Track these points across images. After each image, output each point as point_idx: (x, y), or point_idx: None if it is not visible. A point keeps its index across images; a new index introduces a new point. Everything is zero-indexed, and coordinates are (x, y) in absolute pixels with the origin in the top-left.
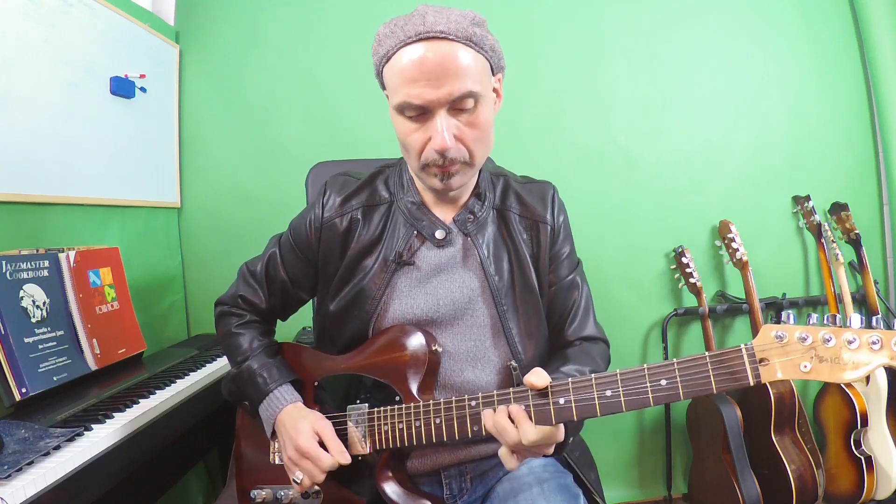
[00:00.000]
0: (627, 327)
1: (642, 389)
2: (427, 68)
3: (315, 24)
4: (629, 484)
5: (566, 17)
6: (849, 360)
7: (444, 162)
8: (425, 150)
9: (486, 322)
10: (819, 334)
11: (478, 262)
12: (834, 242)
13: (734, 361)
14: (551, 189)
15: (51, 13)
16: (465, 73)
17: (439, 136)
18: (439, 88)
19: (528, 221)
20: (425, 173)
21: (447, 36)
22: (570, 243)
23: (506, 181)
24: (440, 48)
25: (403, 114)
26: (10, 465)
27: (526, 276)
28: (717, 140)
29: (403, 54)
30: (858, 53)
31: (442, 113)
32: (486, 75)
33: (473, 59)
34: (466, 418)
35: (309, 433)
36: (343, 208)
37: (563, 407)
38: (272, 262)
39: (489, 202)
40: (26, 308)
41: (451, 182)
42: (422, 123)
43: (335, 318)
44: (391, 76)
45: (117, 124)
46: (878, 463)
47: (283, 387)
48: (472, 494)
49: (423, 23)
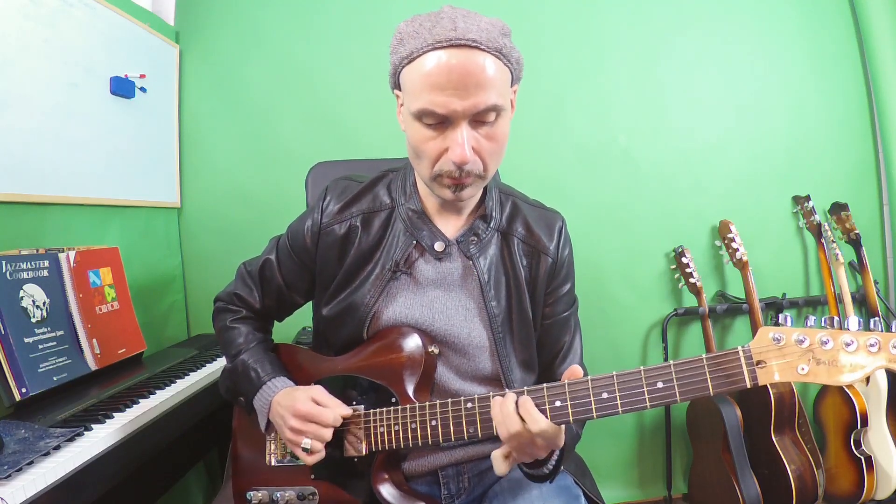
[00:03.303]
0: (627, 327)
1: (639, 392)
2: (455, 77)
3: (315, 24)
4: (629, 484)
5: (567, 18)
6: (846, 363)
7: (461, 175)
8: (441, 160)
9: (482, 344)
10: (816, 336)
11: (477, 285)
12: (834, 242)
13: (731, 364)
14: (560, 220)
15: (51, 13)
16: (491, 86)
17: (460, 148)
18: (465, 99)
19: (530, 249)
20: (437, 183)
21: (479, 45)
22: (572, 281)
23: (514, 203)
24: (471, 58)
25: (421, 120)
26: (10, 465)
27: (523, 305)
28: (717, 140)
29: (430, 59)
30: (858, 53)
31: (464, 125)
32: (508, 87)
33: (500, 71)
34: (462, 420)
35: (305, 398)
36: (342, 215)
37: (560, 409)
38: (269, 265)
39: (495, 223)
40: (26, 308)
41: (462, 194)
42: (440, 132)
43: (329, 323)
44: (412, 79)
45: (117, 124)
46: (878, 463)
47: (277, 378)
48: (469, 494)
49: (454, 28)
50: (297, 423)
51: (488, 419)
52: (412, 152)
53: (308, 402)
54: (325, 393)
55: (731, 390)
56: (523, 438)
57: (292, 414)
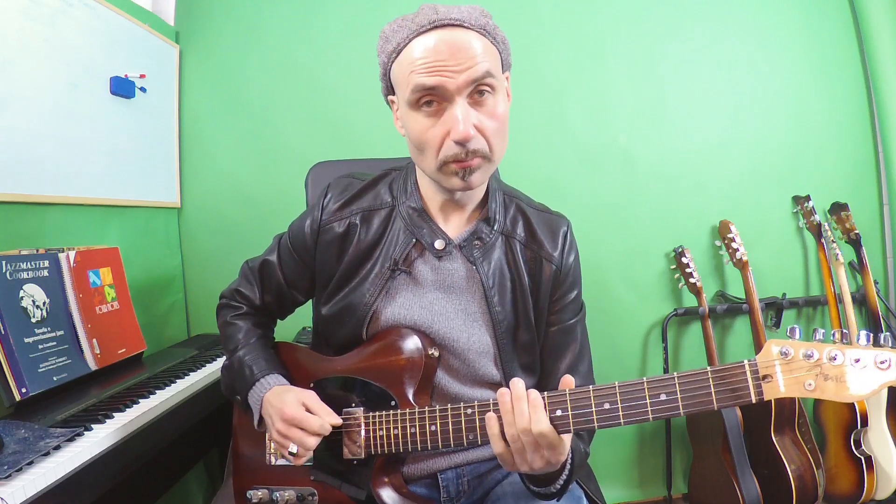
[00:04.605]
0: (627, 327)
1: (641, 403)
2: (444, 53)
3: (315, 24)
4: (629, 484)
5: (567, 17)
6: (854, 379)
7: (466, 154)
8: (444, 144)
9: (482, 349)
10: (825, 352)
11: (481, 290)
12: (834, 242)
13: (736, 377)
14: (565, 225)
15: (51, 13)
16: (482, 58)
17: (460, 124)
18: (457, 74)
19: (532, 255)
20: (444, 173)
21: (462, 23)
22: (578, 288)
23: (518, 206)
24: (456, 34)
25: (418, 106)
26: (10, 465)
27: (527, 310)
28: (717, 140)
29: (416, 45)
30: (858, 53)
31: (461, 101)
32: (499, 66)
33: (488, 48)
34: (462, 426)
35: (294, 402)
36: (342, 212)
37: (560, 418)
38: (270, 262)
39: (498, 226)
40: (26, 308)
41: (471, 179)
42: (438, 118)
43: (328, 322)
44: (402, 70)
45: (117, 124)
46: (878, 463)
47: (271, 375)
48: (469, 497)
49: (435, 12)
50: (282, 427)
51: None
52: (415, 149)
53: (297, 405)
54: (316, 399)
55: (736, 404)
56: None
57: (280, 417)
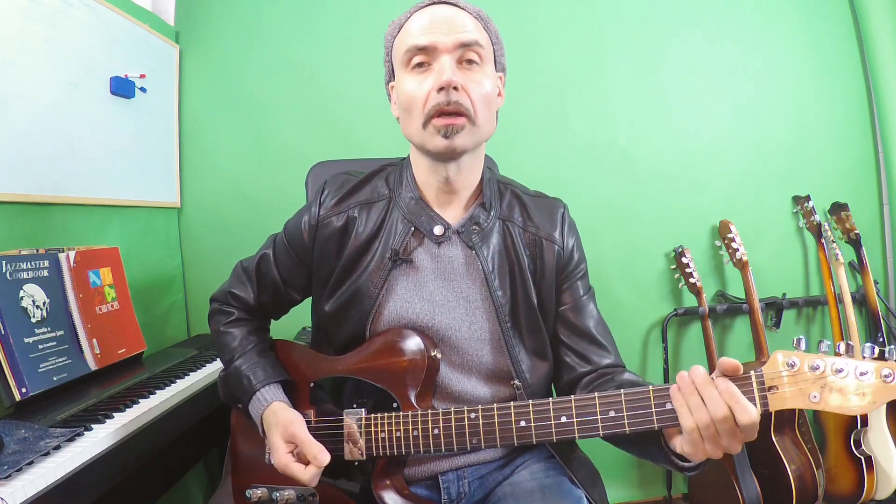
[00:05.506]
0: (627, 327)
1: (647, 412)
2: (438, 20)
3: (315, 24)
4: (629, 484)
5: (567, 18)
6: (859, 392)
7: (448, 104)
8: (429, 97)
9: (485, 336)
10: (831, 364)
11: (481, 275)
12: (834, 242)
13: (743, 388)
14: (561, 207)
15: (51, 13)
16: (473, 30)
17: (445, 72)
18: (448, 35)
19: (532, 238)
20: (428, 132)
21: (458, 4)
22: (585, 264)
23: (514, 192)
24: (452, 10)
25: (409, 68)
26: (10, 465)
27: (528, 293)
28: (717, 140)
29: (414, 18)
30: (858, 53)
31: (447, 57)
32: (490, 54)
33: (480, 30)
34: (465, 430)
35: (281, 449)
36: (340, 206)
37: (565, 424)
38: (265, 261)
39: (496, 212)
40: (26, 308)
41: (455, 140)
42: (427, 75)
43: (331, 319)
44: (399, 44)
45: (117, 124)
46: (878, 463)
47: (268, 387)
48: (470, 499)
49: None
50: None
51: (491, 430)
52: (405, 114)
53: (283, 454)
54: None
55: None
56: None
57: (274, 456)
